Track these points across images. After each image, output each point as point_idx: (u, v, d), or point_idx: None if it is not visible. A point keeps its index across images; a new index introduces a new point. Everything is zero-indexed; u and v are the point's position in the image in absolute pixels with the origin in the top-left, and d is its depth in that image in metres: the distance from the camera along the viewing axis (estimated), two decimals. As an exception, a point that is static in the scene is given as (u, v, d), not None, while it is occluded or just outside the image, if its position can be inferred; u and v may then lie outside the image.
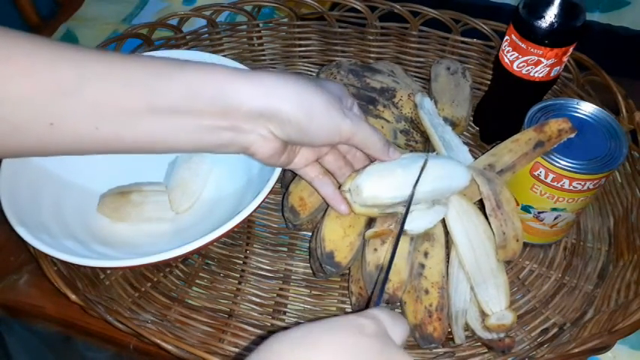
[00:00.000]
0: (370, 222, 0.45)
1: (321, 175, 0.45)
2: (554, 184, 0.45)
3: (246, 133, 0.37)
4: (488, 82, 0.63)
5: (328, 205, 0.46)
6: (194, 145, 0.37)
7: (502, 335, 0.43)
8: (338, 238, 0.44)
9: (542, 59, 0.49)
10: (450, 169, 0.44)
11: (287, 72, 0.38)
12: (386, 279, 0.40)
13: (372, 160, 0.44)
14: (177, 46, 0.66)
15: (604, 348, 0.41)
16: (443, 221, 0.45)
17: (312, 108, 0.37)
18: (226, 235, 0.44)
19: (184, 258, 0.52)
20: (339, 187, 0.44)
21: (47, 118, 0.32)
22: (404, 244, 0.43)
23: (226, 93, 0.35)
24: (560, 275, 0.51)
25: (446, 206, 0.44)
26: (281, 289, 0.51)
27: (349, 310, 0.49)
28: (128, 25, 0.77)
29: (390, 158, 0.43)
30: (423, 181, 0.42)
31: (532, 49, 0.48)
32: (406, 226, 0.42)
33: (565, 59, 0.50)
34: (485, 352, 0.46)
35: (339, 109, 0.39)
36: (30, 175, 0.49)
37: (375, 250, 0.43)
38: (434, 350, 0.45)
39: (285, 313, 0.49)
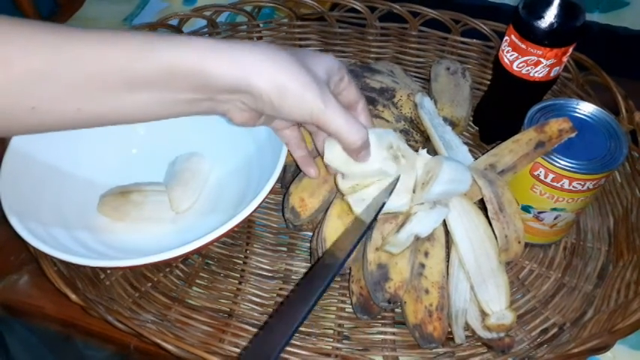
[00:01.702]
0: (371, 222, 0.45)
1: (297, 139, 0.46)
2: (554, 184, 0.45)
3: (223, 103, 0.38)
4: (488, 82, 0.63)
5: (329, 206, 0.46)
6: (174, 114, 0.38)
7: (502, 335, 0.43)
8: (339, 238, 0.44)
9: (542, 59, 0.49)
10: (461, 172, 0.44)
11: (271, 45, 0.37)
12: (342, 265, 0.40)
13: None
14: (177, 47, 0.66)
15: (604, 348, 0.41)
16: (443, 221, 0.45)
17: (286, 88, 0.37)
18: (226, 235, 0.44)
19: (184, 258, 0.52)
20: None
21: (27, 102, 0.33)
22: None
23: (202, 69, 0.35)
24: (560, 275, 0.51)
25: (447, 206, 0.44)
26: (281, 289, 0.51)
27: (349, 310, 0.49)
28: (129, 25, 0.77)
29: (358, 160, 0.42)
30: (437, 181, 0.42)
31: (532, 50, 0.48)
32: (415, 229, 0.42)
33: (565, 59, 0.50)
34: (485, 352, 0.46)
35: (316, 93, 0.38)
36: (30, 175, 0.49)
37: (376, 249, 0.44)
38: (434, 350, 0.45)
39: (285, 313, 0.49)
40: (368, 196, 0.44)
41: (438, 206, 0.43)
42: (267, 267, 0.52)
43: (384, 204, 0.42)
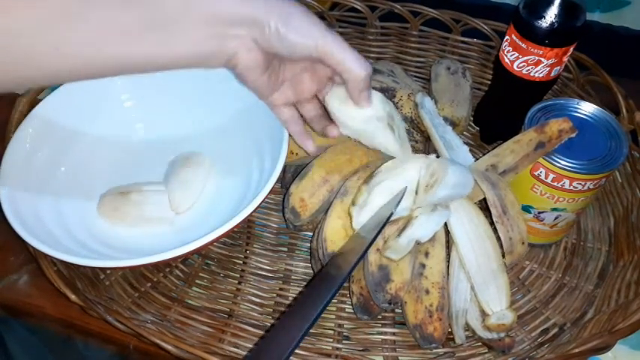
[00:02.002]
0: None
1: (294, 117, 0.47)
2: (555, 184, 0.45)
3: (231, 39, 0.38)
4: (489, 82, 0.63)
5: (329, 206, 0.46)
6: (185, 59, 0.38)
7: (502, 335, 0.43)
8: (340, 239, 0.44)
9: (543, 59, 0.49)
10: (465, 176, 0.44)
11: None
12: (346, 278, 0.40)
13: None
14: (177, 46, 0.66)
15: (604, 348, 0.41)
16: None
17: (292, 14, 0.38)
18: (226, 235, 0.44)
19: (184, 258, 0.52)
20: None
21: (53, 42, 0.33)
22: None
23: (212, 1, 0.37)
24: (560, 275, 0.51)
25: (448, 208, 0.44)
26: (281, 289, 0.50)
27: (349, 310, 0.49)
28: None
29: (359, 100, 0.43)
30: (443, 185, 0.41)
31: (532, 49, 0.48)
32: (416, 234, 0.42)
33: (565, 59, 0.50)
34: (486, 352, 0.46)
35: (319, 24, 0.39)
36: (30, 175, 0.49)
37: (377, 250, 0.43)
38: (434, 350, 0.45)
39: (285, 313, 0.49)
40: (373, 208, 0.44)
41: (439, 208, 0.43)
42: (267, 267, 0.52)
43: (391, 214, 0.42)
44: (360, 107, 0.44)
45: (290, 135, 0.48)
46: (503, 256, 0.44)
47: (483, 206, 0.45)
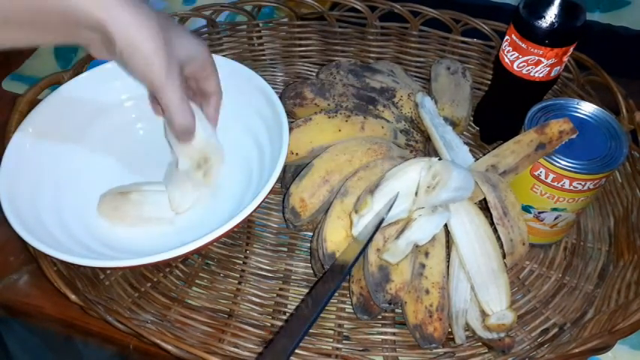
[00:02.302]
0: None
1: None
2: (555, 184, 0.45)
3: (85, 39, 0.39)
4: (489, 82, 0.63)
5: (329, 206, 0.46)
6: (44, 42, 0.40)
7: (502, 335, 0.43)
8: (340, 239, 0.44)
9: (543, 59, 0.49)
10: (467, 180, 0.44)
11: (146, 6, 0.39)
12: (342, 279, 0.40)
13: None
14: (177, 46, 0.66)
15: (604, 348, 0.41)
16: (443, 221, 0.45)
17: (137, 48, 0.38)
18: (226, 235, 0.44)
19: (184, 258, 0.52)
20: None
21: None
22: None
23: (66, 5, 0.36)
24: (560, 275, 0.51)
25: (448, 209, 0.44)
26: (281, 289, 0.50)
27: (349, 310, 0.49)
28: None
29: (177, 139, 0.47)
30: (445, 188, 0.41)
31: (532, 49, 0.48)
32: (415, 236, 0.42)
33: (565, 59, 0.50)
34: (486, 352, 0.46)
35: (163, 64, 0.40)
36: (30, 175, 0.49)
37: (378, 250, 0.43)
38: (434, 350, 0.45)
39: (285, 313, 0.49)
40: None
41: (439, 209, 0.43)
42: (267, 267, 0.52)
43: (382, 220, 0.42)
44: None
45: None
46: (504, 256, 0.44)
47: (483, 206, 0.45)
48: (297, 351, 0.45)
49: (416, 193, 0.43)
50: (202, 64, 0.45)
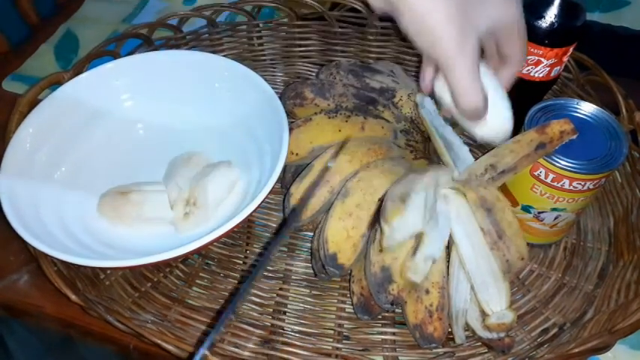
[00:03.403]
0: (373, 223, 0.45)
1: None
2: (555, 184, 0.45)
3: None
4: (489, 82, 0.63)
5: (330, 206, 0.46)
6: None
7: (502, 335, 0.43)
8: (341, 240, 0.44)
9: (543, 59, 0.49)
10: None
11: None
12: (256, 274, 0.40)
13: None
14: (177, 46, 0.66)
15: (604, 348, 0.41)
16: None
17: (425, 21, 0.35)
18: (226, 235, 0.44)
19: (184, 258, 0.52)
20: None
21: None
22: None
23: None
24: (560, 275, 0.51)
25: (449, 218, 0.44)
26: (281, 289, 0.50)
27: (349, 310, 0.49)
28: (128, 25, 0.77)
29: (465, 117, 0.41)
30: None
31: (532, 49, 0.48)
32: (429, 251, 0.42)
33: (565, 59, 0.50)
34: (486, 352, 0.46)
35: (453, 36, 0.35)
36: (30, 174, 0.49)
37: (380, 250, 0.43)
38: (434, 350, 0.45)
39: (285, 313, 0.49)
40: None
41: (440, 220, 0.43)
42: (267, 267, 0.52)
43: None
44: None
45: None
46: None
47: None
48: (297, 351, 0.45)
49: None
50: (509, 28, 0.38)
